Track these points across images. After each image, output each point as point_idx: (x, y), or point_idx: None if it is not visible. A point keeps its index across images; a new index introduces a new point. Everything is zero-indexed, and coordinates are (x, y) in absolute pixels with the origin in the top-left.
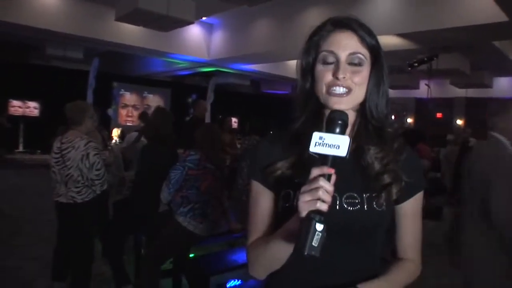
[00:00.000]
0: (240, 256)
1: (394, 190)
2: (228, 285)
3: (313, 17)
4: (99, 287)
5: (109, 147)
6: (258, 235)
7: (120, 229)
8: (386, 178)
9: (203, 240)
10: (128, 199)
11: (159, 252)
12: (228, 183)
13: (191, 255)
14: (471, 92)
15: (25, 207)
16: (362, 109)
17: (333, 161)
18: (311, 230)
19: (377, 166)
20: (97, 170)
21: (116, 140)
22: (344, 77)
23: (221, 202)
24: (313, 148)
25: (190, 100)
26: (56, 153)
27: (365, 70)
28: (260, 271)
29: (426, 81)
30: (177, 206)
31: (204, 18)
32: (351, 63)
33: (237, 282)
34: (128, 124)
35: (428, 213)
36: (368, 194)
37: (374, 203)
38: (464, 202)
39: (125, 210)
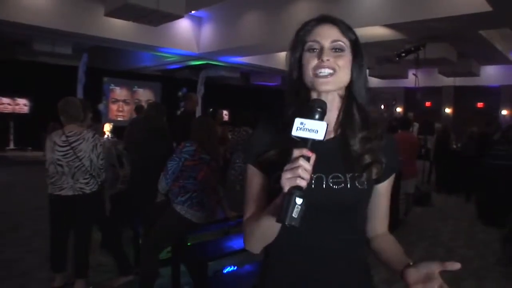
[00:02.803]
0: (235, 243)
1: (374, 170)
2: (224, 271)
3: (302, 9)
4: (100, 276)
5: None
6: (252, 212)
7: (118, 220)
8: (367, 159)
9: (199, 228)
10: (124, 192)
11: (158, 240)
12: (222, 173)
13: (188, 244)
14: (459, 81)
15: (19, 203)
16: (347, 95)
17: (312, 144)
18: (291, 203)
19: (359, 148)
20: (101, 160)
21: (108, 135)
22: (328, 60)
23: (216, 191)
24: (294, 132)
25: (180, 93)
26: (63, 146)
27: (347, 56)
28: (255, 244)
29: (414, 71)
30: (175, 196)
31: (193, 12)
32: (333, 49)
33: (233, 268)
34: (119, 119)
35: (417, 199)
36: (351, 174)
37: (356, 182)
38: None
39: (122, 202)
